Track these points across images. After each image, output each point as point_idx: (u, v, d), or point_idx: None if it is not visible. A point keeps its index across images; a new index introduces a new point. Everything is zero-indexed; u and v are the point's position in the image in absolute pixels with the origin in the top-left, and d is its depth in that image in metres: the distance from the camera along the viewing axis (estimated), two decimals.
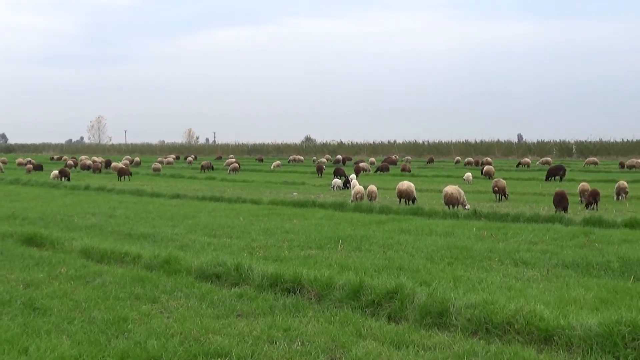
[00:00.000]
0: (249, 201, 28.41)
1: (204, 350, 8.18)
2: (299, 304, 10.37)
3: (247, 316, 9.89)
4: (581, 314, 8.81)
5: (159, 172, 55.56)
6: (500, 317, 8.82)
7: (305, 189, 37.60)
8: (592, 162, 61.70)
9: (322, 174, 50.49)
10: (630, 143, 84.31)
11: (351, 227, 19.10)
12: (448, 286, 10.75)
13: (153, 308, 10.36)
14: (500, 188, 29.10)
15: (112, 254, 14.45)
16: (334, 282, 10.81)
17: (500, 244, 15.82)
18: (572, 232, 17.36)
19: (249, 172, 56.87)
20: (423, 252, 14.62)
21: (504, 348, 8.13)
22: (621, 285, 11.23)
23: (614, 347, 7.88)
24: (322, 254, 14.57)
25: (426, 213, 22.82)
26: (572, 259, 13.50)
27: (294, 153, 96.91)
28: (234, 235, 17.94)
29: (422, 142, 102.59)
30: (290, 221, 20.99)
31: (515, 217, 20.98)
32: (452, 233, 17.85)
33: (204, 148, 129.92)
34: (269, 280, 11.47)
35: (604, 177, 44.07)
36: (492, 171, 45.91)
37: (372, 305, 10.05)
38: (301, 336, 8.77)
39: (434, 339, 8.64)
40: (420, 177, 46.50)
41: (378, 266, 12.92)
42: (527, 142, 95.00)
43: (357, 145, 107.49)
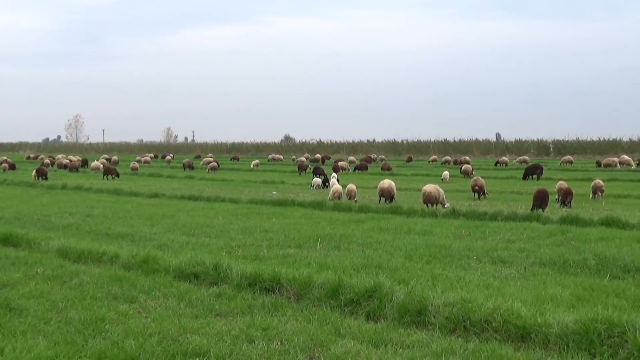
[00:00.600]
0: (228, 200, 28.33)
1: (182, 350, 8.14)
2: (277, 303, 10.36)
3: (225, 315, 9.85)
4: (558, 312, 8.89)
5: (137, 171, 55.26)
6: (478, 315, 8.87)
7: (285, 188, 37.57)
8: (567, 161, 62.25)
9: (305, 172, 50.45)
10: (607, 142, 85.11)
11: (330, 226, 19.11)
12: (426, 285, 10.78)
13: (131, 308, 10.29)
14: (480, 186, 29.27)
15: (90, 254, 14.34)
16: (313, 281, 10.81)
17: (478, 242, 15.91)
18: (549, 231, 17.48)
19: (228, 171, 56.74)
20: (402, 251, 14.66)
21: (482, 346, 8.17)
22: (597, 283, 11.33)
23: (590, 345, 7.95)
24: (301, 253, 14.57)
25: (405, 212, 22.88)
26: (549, 257, 13.60)
27: (273, 152, 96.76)
28: (212, 234, 17.88)
29: (401, 141, 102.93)
30: (269, 220, 20.96)
31: (493, 215, 21.10)
32: (430, 232, 17.92)
33: (183, 147, 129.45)
34: (248, 279, 11.43)
35: (580, 175, 44.45)
36: (469, 170, 46.20)
37: (350, 304, 10.05)
38: (280, 335, 8.75)
39: (412, 338, 8.66)
40: (400, 176, 46.63)
41: (357, 265, 12.94)
42: (505, 141, 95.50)
43: (337, 144, 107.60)
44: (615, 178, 41.61)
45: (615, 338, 7.93)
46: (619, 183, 38.32)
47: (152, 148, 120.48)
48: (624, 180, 40.35)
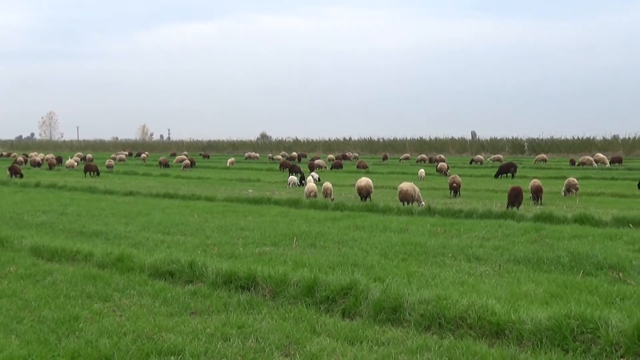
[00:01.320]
0: (204, 198, 28.23)
1: (157, 349, 8.10)
2: (253, 301, 10.34)
3: (200, 314, 9.82)
4: (532, 308, 8.97)
5: (112, 169, 54.86)
6: (453, 312, 8.92)
7: (261, 186, 37.51)
8: (541, 159, 62.82)
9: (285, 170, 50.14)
10: (581, 140, 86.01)
11: (306, 224, 19.11)
12: (402, 282, 10.83)
13: (105, 306, 10.23)
14: (457, 184, 29.43)
15: (63, 252, 14.21)
16: (289, 278, 10.81)
17: (453, 240, 15.99)
18: (523, 228, 17.62)
19: (203, 169, 56.51)
20: (377, 249, 14.69)
21: (457, 343, 8.22)
22: (571, 280, 11.44)
23: (563, 341, 8.03)
24: (276, 251, 14.56)
25: (381, 210, 22.94)
26: (523, 255, 13.70)
27: (249, 150, 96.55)
28: (188, 232, 17.81)
29: (377, 139, 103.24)
30: (245, 218, 20.92)
31: (469, 213, 21.21)
32: (406, 229, 17.98)
33: (158, 145, 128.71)
34: (223, 277, 11.41)
35: (555, 173, 44.83)
36: (445, 168, 46.44)
37: (326, 302, 10.07)
38: (255, 333, 8.74)
39: (387, 335, 8.69)
40: (376, 174, 46.72)
41: (333, 263, 12.95)
42: (481, 140, 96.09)
43: (313, 142, 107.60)
44: (589, 176, 42.03)
45: (587, 334, 8.02)
46: (593, 181, 38.70)
47: (127, 146, 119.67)
48: (598, 179, 40.75)
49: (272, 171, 52.67)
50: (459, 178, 30.31)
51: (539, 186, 26.46)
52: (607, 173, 45.76)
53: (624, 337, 7.76)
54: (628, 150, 78.59)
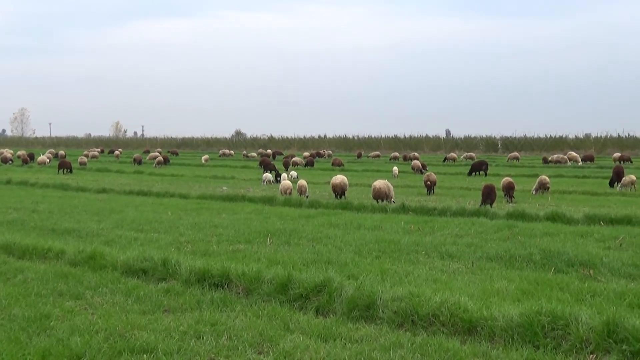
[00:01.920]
0: (178, 195, 28.12)
1: (129, 347, 8.05)
2: (226, 299, 10.32)
3: (173, 311, 9.78)
4: (503, 305, 9.03)
5: (85, 166, 54.38)
6: (425, 309, 8.96)
7: (235, 183, 37.41)
8: (514, 157, 63.36)
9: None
10: (553, 139, 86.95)
11: (280, 222, 19.09)
12: (375, 279, 10.87)
13: (77, 304, 10.15)
14: (432, 182, 29.58)
15: (35, 250, 14.06)
16: (262, 276, 10.79)
17: (427, 237, 16.06)
18: (496, 226, 17.76)
19: (178, 166, 56.22)
20: (351, 246, 14.73)
21: (429, 339, 8.27)
22: (542, 277, 11.56)
23: (534, 337, 8.11)
24: (250, 249, 14.54)
25: (355, 207, 22.98)
26: (496, 252, 13.81)
27: (224, 147, 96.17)
28: (161, 230, 17.72)
29: (352, 137, 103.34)
30: (219, 215, 20.86)
31: (442, 211, 21.32)
32: (380, 227, 18.04)
33: (132, 142, 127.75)
34: (197, 275, 11.36)
35: (527, 171, 45.25)
36: (418, 165, 46.62)
37: (300, 299, 10.07)
38: (228, 331, 8.72)
39: (360, 332, 8.72)
40: (350, 171, 46.77)
41: (307, 260, 12.96)
42: (455, 138, 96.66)
43: (288, 139, 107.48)
44: (561, 174, 42.42)
45: (558, 330, 8.11)
46: (565, 179, 39.08)
47: (101, 142, 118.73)
48: (570, 177, 41.16)
49: (246, 168, 52.54)
50: (434, 176, 30.46)
51: (511, 183, 26.82)
52: (579, 171, 46.25)
53: (593, 334, 7.86)
54: (600, 148, 79.53)
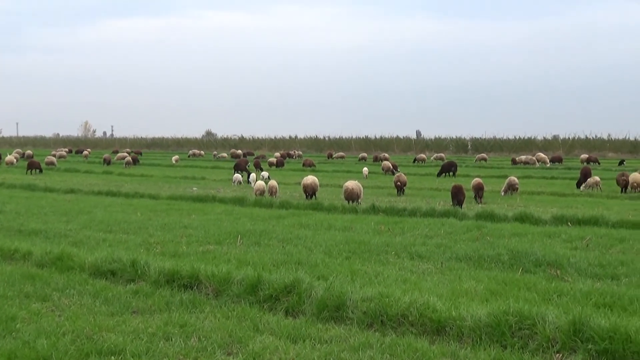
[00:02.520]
0: (147, 196, 27.91)
1: (96, 349, 7.98)
2: (196, 300, 10.28)
3: (142, 313, 9.71)
4: (472, 305, 9.11)
5: (53, 166, 53.75)
6: (395, 309, 9.01)
7: (205, 183, 37.26)
8: (482, 158, 64.03)
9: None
10: (522, 140, 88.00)
11: (251, 222, 19.06)
12: (345, 280, 10.90)
13: (44, 306, 10.03)
14: (402, 182, 29.72)
15: (1, 251, 13.87)
16: (232, 277, 10.77)
17: (397, 238, 16.14)
18: (465, 226, 17.91)
19: (147, 167, 55.81)
20: (322, 247, 14.74)
21: (398, 340, 8.31)
22: (510, 277, 11.67)
23: (501, 337, 8.19)
24: (220, 249, 14.49)
25: (326, 208, 23.02)
26: (465, 252, 13.92)
27: (194, 147, 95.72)
28: (130, 230, 17.58)
29: (323, 138, 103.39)
30: (189, 216, 20.76)
31: (412, 211, 21.44)
32: (350, 227, 18.09)
33: (101, 142, 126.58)
34: (166, 276, 11.30)
35: (496, 172, 45.63)
36: (388, 166, 46.82)
37: (269, 300, 10.06)
38: (198, 332, 8.69)
39: (330, 333, 8.73)
40: (321, 172, 46.83)
41: (277, 261, 12.95)
42: (425, 139, 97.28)
43: (259, 140, 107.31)
44: (530, 175, 42.88)
45: (525, 330, 8.20)
46: (533, 180, 39.52)
47: (69, 142, 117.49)
48: (538, 178, 41.61)
49: (217, 169, 52.33)
50: (404, 177, 30.61)
51: (480, 184, 27.09)
52: (547, 172, 46.79)
53: (560, 333, 7.96)
54: (568, 150, 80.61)
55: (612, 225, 18.46)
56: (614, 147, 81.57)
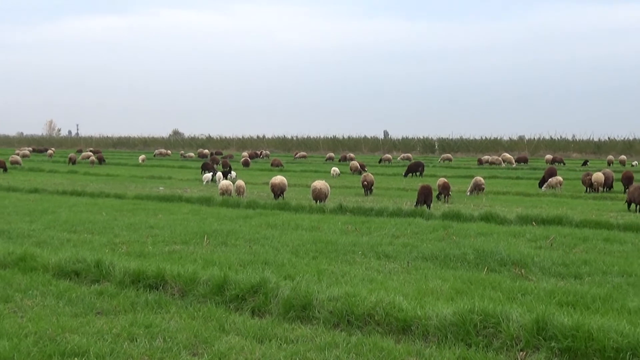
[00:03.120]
0: (113, 196, 27.63)
1: (59, 350, 7.88)
2: (161, 300, 10.20)
3: (107, 314, 9.62)
4: (437, 304, 9.16)
5: (18, 166, 52.93)
6: (361, 309, 9.03)
7: (172, 183, 37.00)
8: (447, 159, 64.63)
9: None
10: (488, 140, 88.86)
11: (218, 222, 18.97)
12: (312, 280, 10.90)
13: (6, 308, 9.87)
14: (369, 182, 29.81)
15: None
16: (198, 277, 10.71)
17: (364, 237, 16.18)
18: (432, 226, 18.01)
19: (113, 166, 55.27)
20: (289, 247, 14.73)
21: (364, 339, 8.34)
22: (475, 276, 11.77)
23: (466, 335, 8.26)
24: (187, 249, 14.40)
25: (293, 208, 23.00)
26: (431, 252, 13.99)
27: (161, 146, 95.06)
28: (95, 231, 17.40)
29: (291, 137, 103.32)
30: (155, 216, 20.60)
31: (379, 211, 21.51)
32: (318, 227, 18.09)
33: (66, 141, 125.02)
34: (131, 276, 11.20)
35: (463, 172, 45.99)
36: (356, 166, 46.95)
37: (236, 300, 10.03)
38: (163, 333, 8.62)
39: (296, 332, 8.73)
40: (289, 172, 46.79)
41: (243, 261, 12.91)
42: (393, 139, 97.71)
43: (226, 139, 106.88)
44: (496, 175, 43.28)
45: (490, 328, 8.28)
46: (499, 180, 39.90)
47: (33, 141, 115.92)
48: (504, 178, 42.02)
49: (184, 169, 52.02)
50: (371, 176, 30.70)
51: (446, 183, 27.35)
52: (513, 172, 47.25)
53: (524, 331, 8.05)
54: (533, 150, 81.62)
55: (576, 224, 18.70)
56: (578, 147, 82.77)
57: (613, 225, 18.52)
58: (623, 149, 74.75)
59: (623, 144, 79.33)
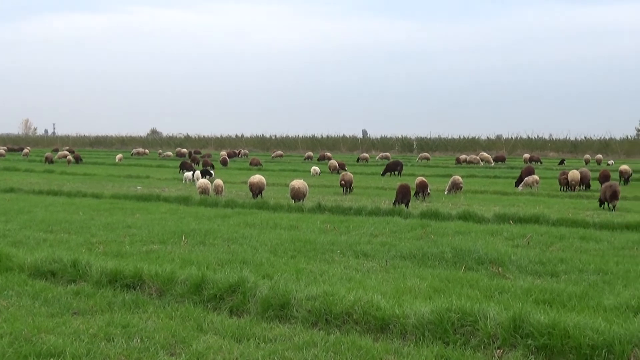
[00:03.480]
0: (90, 195, 27.43)
1: (35, 351, 7.81)
2: (139, 300, 10.14)
3: (83, 314, 9.54)
4: (415, 303, 9.20)
5: None
6: (339, 307, 9.04)
7: (150, 182, 36.80)
8: (424, 158, 64.95)
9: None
10: (466, 140, 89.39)
11: (196, 222, 18.90)
12: (290, 279, 10.88)
13: None
14: (347, 181, 29.84)
15: None
16: (176, 277, 10.66)
17: (342, 236, 16.19)
18: (410, 225, 18.06)
19: (91, 165, 54.87)
20: (267, 246, 14.70)
21: (343, 338, 8.34)
22: (453, 275, 11.82)
23: (444, 333, 8.30)
24: (164, 249, 14.33)
25: (271, 207, 22.98)
26: (409, 251, 14.03)
27: (139, 146, 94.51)
28: (72, 230, 17.25)
29: (269, 137, 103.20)
30: (132, 216, 20.48)
31: (358, 210, 21.54)
32: (296, 227, 18.08)
33: (43, 140, 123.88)
34: (108, 276, 11.12)
35: (441, 172, 46.19)
36: (334, 165, 47.02)
37: (214, 300, 10.00)
38: (140, 332, 8.57)
39: (274, 332, 8.72)
40: (268, 171, 46.72)
41: (221, 260, 12.87)
42: (372, 138, 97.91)
43: (205, 138, 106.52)
44: (474, 174, 43.50)
45: (467, 327, 8.32)
46: (477, 179, 40.13)
47: (9, 140, 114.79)
48: (481, 177, 42.26)
49: (162, 168, 51.75)
50: (349, 175, 30.76)
51: (424, 182, 27.46)
52: (491, 171, 47.55)
53: (500, 329, 8.10)
54: (510, 149, 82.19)
55: (553, 223, 18.86)
56: (555, 147, 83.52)
57: (589, 224, 18.68)
58: (599, 148, 75.42)
59: (599, 144, 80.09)
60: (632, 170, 37.87)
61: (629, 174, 36.64)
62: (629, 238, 16.07)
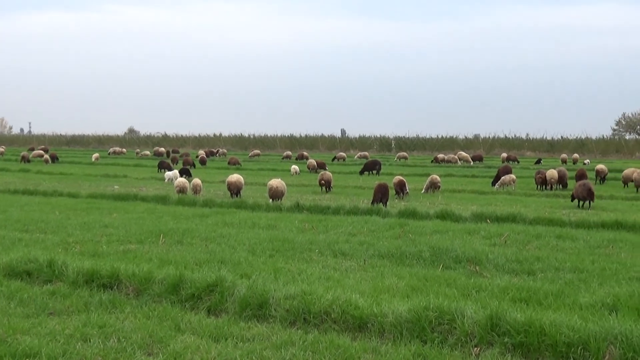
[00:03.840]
0: (66, 194, 27.22)
1: (10, 352, 7.74)
2: (116, 300, 10.09)
3: (59, 314, 9.48)
4: (393, 302, 9.23)
5: None
6: (317, 307, 9.06)
7: (127, 182, 36.56)
8: (402, 157, 65.08)
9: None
10: (444, 139, 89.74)
11: (174, 221, 18.81)
12: (268, 278, 10.87)
13: None
14: (326, 180, 29.87)
15: None
16: (154, 276, 10.63)
17: (321, 236, 16.20)
18: (388, 224, 18.10)
19: (67, 165, 54.41)
20: (245, 245, 14.68)
21: (321, 337, 8.36)
22: (431, 274, 11.88)
23: (422, 332, 8.34)
24: (142, 249, 14.24)
25: (250, 206, 22.94)
26: (387, 250, 14.07)
27: (116, 145, 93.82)
28: (48, 230, 17.11)
29: (247, 136, 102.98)
30: (110, 215, 20.34)
31: (336, 209, 21.56)
32: (275, 226, 18.05)
33: (18, 139, 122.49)
34: (85, 276, 11.06)
35: (419, 171, 46.32)
36: (313, 164, 47.05)
37: (192, 299, 9.97)
38: (117, 333, 8.53)
39: (253, 331, 8.71)
40: (246, 170, 46.60)
41: (199, 260, 12.82)
42: (350, 137, 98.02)
43: (182, 137, 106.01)
44: (452, 174, 43.66)
45: (445, 325, 8.37)
46: (455, 178, 40.28)
47: None
48: (459, 176, 42.41)
49: (139, 167, 51.44)
50: (328, 174, 30.79)
51: (402, 180, 27.62)
52: (468, 171, 47.76)
53: (478, 327, 8.15)
54: (488, 149, 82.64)
55: (529, 222, 19.00)
56: (532, 146, 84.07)
57: (565, 223, 18.84)
58: (575, 148, 76.06)
59: (575, 143, 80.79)
60: (608, 170, 38.23)
61: (604, 173, 36.99)
62: (605, 237, 16.22)
